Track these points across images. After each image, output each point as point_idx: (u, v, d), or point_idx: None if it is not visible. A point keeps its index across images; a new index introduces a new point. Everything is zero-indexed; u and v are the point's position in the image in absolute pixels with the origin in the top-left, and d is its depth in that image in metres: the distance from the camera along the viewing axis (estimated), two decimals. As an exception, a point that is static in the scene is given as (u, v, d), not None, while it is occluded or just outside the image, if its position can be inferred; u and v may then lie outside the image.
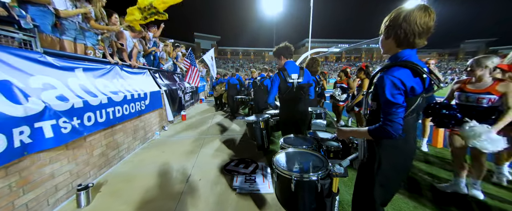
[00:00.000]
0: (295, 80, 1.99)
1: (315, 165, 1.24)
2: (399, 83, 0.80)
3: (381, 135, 0.85)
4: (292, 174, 1.11)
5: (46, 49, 1.88)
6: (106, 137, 2.42)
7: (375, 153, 0.93)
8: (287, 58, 2.05)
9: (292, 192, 1.10)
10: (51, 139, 1.62)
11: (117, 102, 2.65)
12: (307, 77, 2.06)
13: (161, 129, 4.27)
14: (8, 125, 1.32)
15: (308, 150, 1.48)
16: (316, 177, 1.08)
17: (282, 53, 2.05)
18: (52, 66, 1.92)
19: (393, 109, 0.81)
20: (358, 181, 1.07)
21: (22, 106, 1.43)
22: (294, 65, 2.05)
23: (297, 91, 2.00)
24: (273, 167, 1.23)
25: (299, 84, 1.99)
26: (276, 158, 1.32)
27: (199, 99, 9.44)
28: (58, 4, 2.06)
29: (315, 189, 1.08)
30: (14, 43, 1.66)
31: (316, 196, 1.09)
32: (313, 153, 1.42)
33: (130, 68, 3.46)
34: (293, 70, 2.01)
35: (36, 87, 1.64)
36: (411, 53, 0.85)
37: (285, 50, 2.04)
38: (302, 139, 1.86)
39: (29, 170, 1.49)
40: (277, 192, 1.31)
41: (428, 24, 0.78)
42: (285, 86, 2.02)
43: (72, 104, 1.88)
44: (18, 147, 1.39)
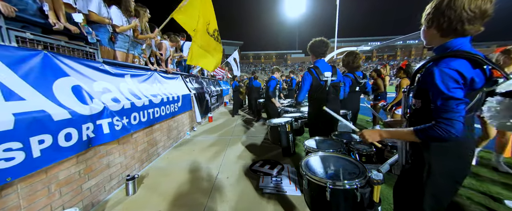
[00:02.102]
0: (329, 78, 1.92)
1: (349, 171, 1.14)
2: (457, 75, 0.69)
3: (435, 135, 0.72)
4: (327, 182, 1.01)
5: (104, 59, 2.25)
6: (147, 134, 2.73)
7: (422, 158, 0.82)
8: (318, 57, 1.99)
9: (326, 201, 1.00)
10: (108, 134, 1.91)
11: (156, 104, 2.97)
12: (340, 76, 2.02)
13: (191, 129, 4.60)
14: (79, 122, 1.61)
15: (339, 154, 1.38)
16: (355, 185, 0.98)
17: (314, 51, 1.99)
18: (108, 73, 2.28)
19: (453, 105, 0.69)
20: (401, 190, 0.93)
21: (88, 106, 1.73)
22: (325, 63, 2.00)
23: (330, 90, 1.95)
24: (303, 172, 1.15)
25: (332, 83, 1.94)
26: (304, 162, 1.25)
27: (223, 103, 9.86)
28: (115, 20, 2.44)
29: (353, 199, 0.98)
30: (82, 55, 2.04)
31: (355, 206, 0.99)
32: (345, 157, 1.31)
33: (166, 74, 3.85)
34: (325, 69, 1.96)
35: (97, 91, 1.96)
36: (463, 42, 0.74)
37: (318, 48, 1.96)
38: (328, 141, 1.76)
39: (92, 160, 1.78)
40: (307, 199, 1.22)
41: (481, 7, 0.67)
42: (317, 85, 1.97)
43: (123, 105, 2.18)
44: (85, 140, 1.68)
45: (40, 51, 1.53)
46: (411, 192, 0.88)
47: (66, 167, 1.53)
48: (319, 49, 1.96)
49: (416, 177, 0.85)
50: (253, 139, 3.84)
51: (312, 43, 1.98)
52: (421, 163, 0.83)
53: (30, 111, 1.28)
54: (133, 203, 1.86)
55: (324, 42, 1.95)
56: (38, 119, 1.31)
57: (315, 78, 1.95)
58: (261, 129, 4.61)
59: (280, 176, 2.22)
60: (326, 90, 1.94)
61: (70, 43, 1.83)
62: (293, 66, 47.72)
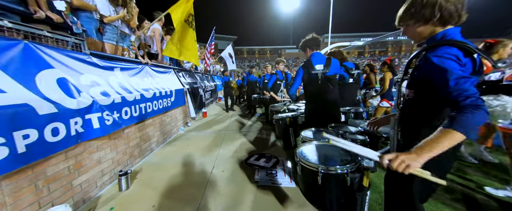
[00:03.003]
0: (320, 71, 1.90)
1: (342, 158, 1.19)
2: (457, 60, 0.69)
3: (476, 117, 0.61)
4: (319, 166, 1.06)
5: (91, 51, 2.14)
6: (139, 130, 2.67)
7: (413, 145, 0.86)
8: (314, 50, 1.98)
9: (318, 186, 1.06)
10: (98, 129, 1.84)
11: (148, 98, 2.89)
12: (335, 69, 1.94)
13: (185, 124, 4.54)
14: (66, 116, 1.54)
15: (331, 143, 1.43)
16: (346, 170, 1.03)
17: (308, 46, 1.99)
18: (97, 66, 2.18)
19: (467, 81, 0.64)
20: (392, 176, 0.98)
21: (76, 100, 1.65)
22: (320, 56, 1.96)
23: (323, 83, 1.91)
24: (297, 159, 1.19)
25: (326, 76, 1.89)
26: (299, 150, 1.29)
27: (218, 98, 9.76)
28: (102, 10, 2.31)
29: (343, 183, 1.03)
30: (66, 46, 1.93)
31: (345, 190, 1.04)
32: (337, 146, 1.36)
33: (158, 68, 3.74)
34: (318, 61, 1.92)
35: (85, 84, 1.88)
36: (454, 32, 0.75)
37: (311, 42, 1.97)
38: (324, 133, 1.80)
39: (82, 156, 1.72)
40: (301, 185, 1.28)
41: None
42: (309, 78, 1.96)
43: (113, 99, 2.11)
44: (74, 135, 1.61)
45: (20, 41, 1.43)
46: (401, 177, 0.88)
47: (54, 163, 1.47)
48: (312, 42, 1.96)
49: None
50: (249, 133, 3.85)
51: (304, 40, 2.01)
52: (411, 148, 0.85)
53: (11, 104, 1.21)
54: (126, 198, 1.83)
55: (315, 37, 1.98)
56: (21, 112, 1.24)
57: (306, 72, 1.95)
58: (256, 124, 4.62)
59: (275, 169, 2.25)
60: (318, 84, 1.92)
61: (54, 33, 1.72)
62: (288, 61, 47.73)
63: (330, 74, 1.91)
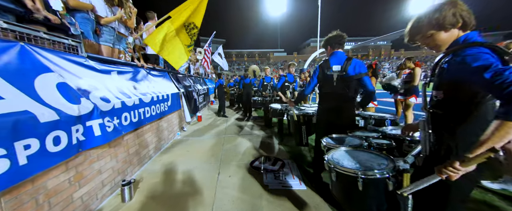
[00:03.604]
0: (336, 72, 1.76)
1: (378, 162, 1.13)
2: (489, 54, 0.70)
3: None
4: (358, 172, 1.00)
5: (88, 53, 2.02)
6: (138, 136, 2.54)
7: (448, 146, 0.84)
8: (335, 48, 1.84)
9: (359, 192, 0.99)
10: (99, 137, 1.73)
11: (146, 103, 2.77)
12: (355, 70, 1.73)
13: (180, 129, 4.39)
14: (68, 123, 1.43)
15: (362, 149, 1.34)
16: (387, 174, 0.96)
17: (329, 43, 1.87)
18: (94, 69, 2.05)
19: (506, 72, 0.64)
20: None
21: (77, 106, 1.54)
22: (340, 55, 1.81)
23: (338, 85, 1.76)
24: (330, 165, 1.13)
25: (342, 77, 1.74)
26: (329, 157, 1.21)
27: (210, 101, 9.60)
28: (99, 11, 2.20)
29: (385, 188, 0.97)
30: (63, 49, 1.80)
31: (388, 196, 0.98)
32: (368, 151, 1.30)
33: (154, 71, 3.60)
34: (336, 62, 1.79)
35: (85, 89, 1.76)
36: (475, 34, 0.81)
37: (333, 40, 1.84)
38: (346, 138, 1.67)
39: (83, 166, 1.59)
40: (337, 193, 1.18)
41: None
42: (324, 78, 1.85)
43: (113, 105, 1.99)
44: (75, 144, 1.49)
45: (16, 43, 1.31)
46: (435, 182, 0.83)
47: (55, 175, 1.35)
48: (333, 39, 1.84)
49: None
50: (249, 137, 3.83)
51: (328, 37, 1.87)
52: (447, 150, 0.84)
53: (11, 111, 1.10)
54: (131, 210, 1.72)
55: (340, 34, 1.84)
56: (22, 120, 1.13)
57: (322, 71, 1.86)
58: (255, 127, 4.62)
59: (282, 172, 2.27)
60: (333, 85, 1.78)
61: (50, 35, 1.60)
62: (276, 64, 48.52)
63: (347, 76, 1.74)
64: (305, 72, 7.24)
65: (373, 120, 2.23)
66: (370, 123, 2.24)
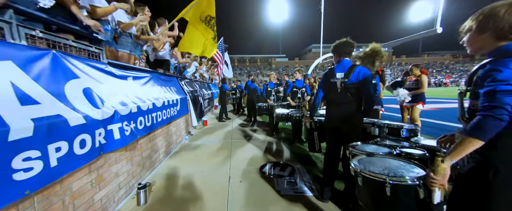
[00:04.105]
0: (339, 79, 1.77)
1: (408, 169, 1.09)
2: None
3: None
4: (386, 177, 0.97)
5: (108, 60, 2.11)
6: (150, 140, 2.59)
7: (486, 158, 0.79)
8: (342, 56, 1.82)
9: (387, 198, 0.97)
10: (118, 140, 1.78)
11: (158, 108, 2.83)
12: (358, 77, 1.69)
13: (188, 133, 4.44)
14: (92, 127, 1.49)
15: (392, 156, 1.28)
16: (418, 181, 0.94)
17: (336, 51, 1.86)
18: (113, 75, 2.13)
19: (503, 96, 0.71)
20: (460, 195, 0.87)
21: (100, 110, 1.61)
22: (346, 63, 1.80)
23: (342, 92, 1.75)
24: (357, 170, 1.11)
25: (345, 84, 1.73)
26: (355, 162, 1.19)
27: (214, 106, 9.68)
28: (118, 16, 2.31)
29: (416, 196, 0.94)
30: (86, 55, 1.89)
31: (419, 204, 0.94)
32: (399, 159, 1.24)
33: (164, 76, 3.70)
34: (341, 69, 1.79)
35: (106, 94, 1.83)
36: None
37: (341, 48, 1.82)
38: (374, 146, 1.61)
39: (103, 169, 1.64)
40: (364, 198, 1.16)
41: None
42: (328, 87, 1.87)
43: (131, 109, 2.06)
44: (97, 147, 1.55)
45: (49, 51, 1.39)
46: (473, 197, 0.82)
47: (79, 177, 1.40)
48: (344, 48, 1.82)
49: (479, 180, 0.80)
50: (256, 142, 3.86)
51: (336, 43, 1.85)
52: (486, 164, 0.79)
53: (47, 115, 1.16)
54: (147, 213, 1.75)
55: (349, 42, 1.81)
56: (55, 124, 1.19)
57: (327, 80, 1.87)
58: (261, 133, 4.65)
59: (293, 178, 2.29)
60: (338, 93, 1.78)
61: (77, 43, 1.69)
62: (278, 69, 48.89)
63: (349, 83, 1.72)
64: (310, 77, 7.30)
65: (388, 128, 2.03)
66: (384, 131, 2.10)
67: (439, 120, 5.49)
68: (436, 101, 10.07)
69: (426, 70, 3.65)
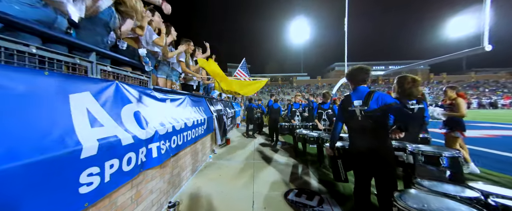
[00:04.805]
0: (358, 107, 1.70)
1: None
2: None
3: None
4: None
5: (154, 86, 2.45)
6: (180, 158, 2.76)
7: None
8: (357, 84, 1.78)
9: None
10: (155, 158, 1.96)
11: (189, 127, 3.06)
12: (377, 102, 1.62)
13: (212, 152, 4.58)
14: (138, 146, 1.69)
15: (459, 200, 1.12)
16: None
17: (351, 80, 1.83)
18: (155, 98, 2.44)
19: None
20: None
21: (145, 131, 1.83)
22: (362, 90, 1.74)
23: (365, 121, 1.67)
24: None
25: (366, 112, 1.65)
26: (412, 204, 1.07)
27: (236, 124, 9.91)
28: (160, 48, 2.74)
29: None
30: (137, 83, 2.24)
31: None
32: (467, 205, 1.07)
33: (195, 97, 4.05)
34: (357, 97, 1.73)
35: (150, 115, 2.09)
36: None
37: (355, 76, 1.78)
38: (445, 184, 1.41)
39: (141, 185, 1.80)
40: None
41: None
42: (346, 115, 1.81)
43: (167, 129, 2.28)
44: (139, 164, 1.73)
45: (113, 81, 1.71)
46: None
47: (123, 192, 1.56)
48: (359, 76, 1.78)
49: None
50: (278, 164, 3.75)
51: (350, 71, 1.82)
52: None
53: (107, 136, 1.38)
54: (174, 233, 1.79)
55: (364, 69, 1.76)
56: (113, 143, 1.40)
57: (345, 108, 1.80)
58: (283, 154, 4.53)
59: (321, 209, 2.11)
60: (359, 120, 1.69)
61: (133, 73, 2.04)
62: (299, 88, 48.55)
63: (370, 110, 1.63)
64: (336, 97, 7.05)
65: (423, 156, 1.83)
66: (419, 159, 1.87)
67: (498, 149, 4.56)
68: (494, 127, 8.47)
69: (464, 94, 3.20)
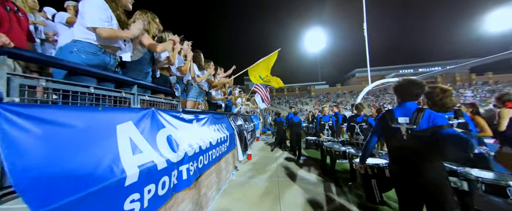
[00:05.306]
0: (404, 125, 1.52)
1: None
2: None
3: None
4: None
5: (183, 109, 2.62)
6: (207, 177, 2.80)
7: None
8: (405, 99, 1.60)
9: None
10: (185, 180, 2.02)
11: (213, 145, 3.14)
12: (429, 121, 1.43)
13: (234, 168, 4.57)
14: (170, 169, 1.77)
15: None
16: None
17: (399, 93, 1.64)
18: (184, 120, 2.60)
19: None
20: None
21: (176, 154, 1.92)
22: (410, 106, 1.56)
23: (411, 141, 1.49)
24: None
25: (413, 131, 1.48)
26: None
27: (256, 138, 9.87)
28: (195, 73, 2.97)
29: None
30: (168, 107, 2.43)
31: None
32: None
33: (217, 115, 4.20)
34: (402, 113, 1.57)
35: (180, 138, 2.21)
36: None
37: (404, 89, 1.59)
38: None
39: (173, 208, 1.85)
40: None
41: None
42: (388, 133, 1.65)
43: (195, 149, 2.37)
44: (171, 187, 1.80)
45: (150, 109, 1.88)
46: None
47: (157, 216, 1.61)
48: (409, 91, 1.57)
49: None
50: (305, 183, 3.55)
51: (400, 84, 1.61)
52: None
53: (146, 162, 1.49)
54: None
55: (417, 84, 1.54)
56: (150, 169, 1.49)
57: (385, 124, 1.64)
58: (309, 171, 4.29)
59: (360, 238, 1.89)
60: (403, 140, 1.51)
61: (166, 99, 2.22)
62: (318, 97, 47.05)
63: (420, 130, 1.44)
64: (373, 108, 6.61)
65: (484, 184, 1.48)
66: (478, 188, 1.56)
67: None
68: None
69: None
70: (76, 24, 1.52)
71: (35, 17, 2.44)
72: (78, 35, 1.49)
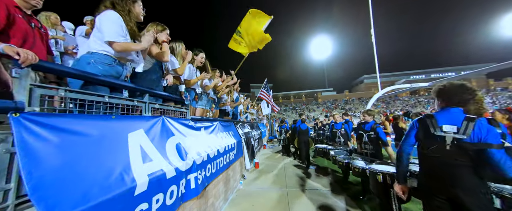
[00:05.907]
0: (450, 134, 1.35)
1: None
2: None
3: None
4: None
5: (192, 116, 2.64)
6: (213, 186, 2.76)
7: None
8: (449, 105, 1.43)
9: None
10: (193, 189, 1.99)
11: (221, 153, 3.11)
12: (480, 134, 1.27)
13: (242, 177, 4.49)
14: (179, 178, 1.75)
15: None
16: None
17: (440, 95, 1.48)
18: (192, 128, 2.61)
19: None
20: None
21: (185, 162, 1.91)
22: (457, 112, 1.39)
23: (453, 153, 1.33)
24: None
25: (460, 142, 1.31)
26: None
27: (263, 145, 9.74)
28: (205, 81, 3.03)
29: None
30: (177, 115, 2.46)
31: None
32: None
33: (225, 122, 4.20)
34: (448, 120, 1.39)
35: (188, 146, 2.21)
36: None
37: (455, 94, 1.40)
38: None
39: (181, 218, 1.81)
40: None
41: None
42: (426, 140, 1.46)
43: (202, 158, 2.35)
44: (179, 196, 1.77)
45: (160, 117, 1.90)
46: None
47: (165, 226, 1.58)
48: (457, 96, 1.40)
49: None
50: (315, 195, 3.40)
51: (446, 87, 1.45)
52: None
53: (155, 170, 1.48)
54: None
55: (468, 89, 1.38)
56: (160, 178, 1.48)
57: (425, 130, 1.46)
58: (318, 179, 4.13)
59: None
60: (445, 151, 1.35)
61: (175, 107, 2.25)
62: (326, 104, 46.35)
63: (469, 143, 1.27)
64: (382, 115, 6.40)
65: None
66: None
67: None
68: None
69: None
70: (92, 36, 1.61)
71: (57, 32, 2.62)
72: (94, 47, 1.57)
